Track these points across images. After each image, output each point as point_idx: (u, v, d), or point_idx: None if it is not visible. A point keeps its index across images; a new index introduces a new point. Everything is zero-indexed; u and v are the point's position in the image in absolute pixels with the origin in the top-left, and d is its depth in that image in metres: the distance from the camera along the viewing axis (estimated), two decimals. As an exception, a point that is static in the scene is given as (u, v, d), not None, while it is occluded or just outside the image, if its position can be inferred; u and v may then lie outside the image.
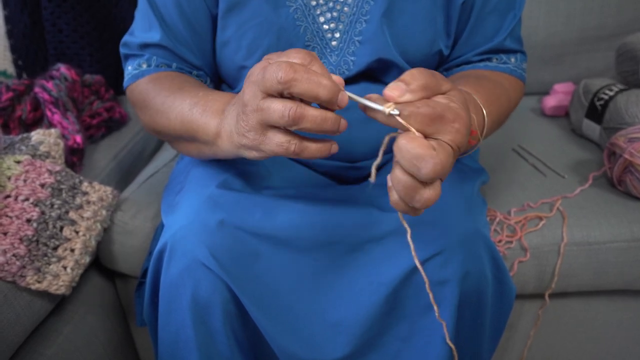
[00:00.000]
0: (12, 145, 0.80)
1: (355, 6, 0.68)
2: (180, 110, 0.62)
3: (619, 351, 0.91)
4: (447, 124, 0.45)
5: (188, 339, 0.62)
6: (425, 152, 0.43)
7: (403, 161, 0.44)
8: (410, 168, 0.44)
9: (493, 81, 0.69)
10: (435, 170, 0.43)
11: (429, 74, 0.46)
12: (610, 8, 1.17)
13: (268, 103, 0.47)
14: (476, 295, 0.63)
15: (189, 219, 0.62)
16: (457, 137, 0.45)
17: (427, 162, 0.43)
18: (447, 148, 0.45)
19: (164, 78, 0.69)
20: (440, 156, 0.43)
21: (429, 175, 0.43)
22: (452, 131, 0.45)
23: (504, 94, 0.69)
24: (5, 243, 0.70)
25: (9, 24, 1.13)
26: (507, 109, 0.70)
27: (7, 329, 0.68)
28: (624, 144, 0.83)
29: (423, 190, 0.45)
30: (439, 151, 0.44)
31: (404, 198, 0.46)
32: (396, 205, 0.48)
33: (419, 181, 0.45)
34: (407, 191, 0.45)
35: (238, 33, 0.68)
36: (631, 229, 0.80)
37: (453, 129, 0.45)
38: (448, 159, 0.44)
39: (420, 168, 0.43)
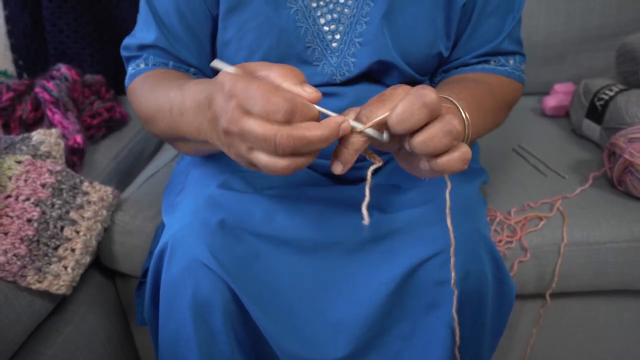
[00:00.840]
0: (13, 145, 0.81)
1: (355, 8, 0.68)
2: (162, 115, 0.61)
3: (619, 351, 0.91)
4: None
5: (188, 339, 0.62)
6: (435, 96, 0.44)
7: (418, 103, 0.44)
8: (418, 105, 0.44)
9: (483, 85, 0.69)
10: (434, 98, 0.44)
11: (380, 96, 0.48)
12: (611, 8, 1.17)
13: (260, 158, 0.46)
14: (477, 295, 0.64)
15: (190, 219, 0.62)
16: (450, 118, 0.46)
17: (427, 90, 0.44)
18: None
19: (154, 76, 0.68)
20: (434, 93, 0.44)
21: (433, 100, 0.44)
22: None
23: (493, 98, 0.69)
24: (6, 243, 0.70)
25: (9, 24, 1.13)
26: (496, 113, 0.70)
27: (7, 328, 0.68)
28: (624, 144, 0.83)
29: (449, 138, 0.45)
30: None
31: (436, 145, 0.45)
32: (436, 165, 0.46)
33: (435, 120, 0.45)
34: (431, 138, 0.45)
35: (239, 34, 0.68)
36: (631, 229, 0.80)
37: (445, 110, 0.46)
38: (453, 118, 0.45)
39: (424, 95, 0.44)
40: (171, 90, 0.59)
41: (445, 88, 0.65)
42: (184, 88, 0.56)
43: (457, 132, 0.45)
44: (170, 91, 0.59)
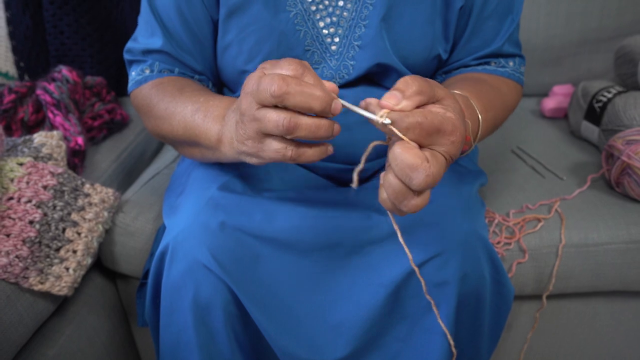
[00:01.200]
0: (15, 147, 0.81)
1: (354, 11, 0.68)
2: (182, 117, 0.63)
3: (617, 351, 0.92)
4: (444, 136, 0.46)
5: (189, 340, 0.62)
6: (418, 163, 0.44)
7: (396, 168, 0.45)
8: (403, 176, 0.45)
9: (491, 86, 0.70)
10: (427, 182, 0.44)
11: (422, 81, 0.47)
12: (610, 10, 1.17)
13: (263, 113, 0.48)
14: (475, 296, 0.64)
15: (191, 221, 0.63)
16: (452, 148, 0.46)
17: (420, 173, 0.44)
18: (441, 159, 0.46)
19: (167, 83, 0.69)
20: (433, 168, 0.44)
21: (420, 186, 0.44)
22: (448, 143, 0.46)
23: (501, 99, 0.70)
24: (8, 245, 0.70)
25: (10, 26, 1.14)
26: (502, 114, 0.71)
27: (10, 329, 0.69)
28: (622, 147, 0.83)
29: (412, 197, 0.46)
30: (432, 163, 0.45)
31: (392, 200, 0.47)
32: (383, 203, 0.49)
33: (410, 188, 0.46)
34: (396, 195, 0.46)
35: (239, 38, 0.69)
36: (629, 230, 0.80)
37: (449, 141, 0.46)
38: (440, 170, 0.45)
39: (413, 178, 0.44)
40: (200, 97, 0.63)
41: (466, 87, 0.65)
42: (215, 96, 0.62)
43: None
44: (200, 97, 0.63)
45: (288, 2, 0.67)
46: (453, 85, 0.67)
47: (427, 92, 0.47)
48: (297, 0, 0.67)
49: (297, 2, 0.67)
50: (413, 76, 0.47)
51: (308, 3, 0.68)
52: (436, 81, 0.51)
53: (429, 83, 0.48)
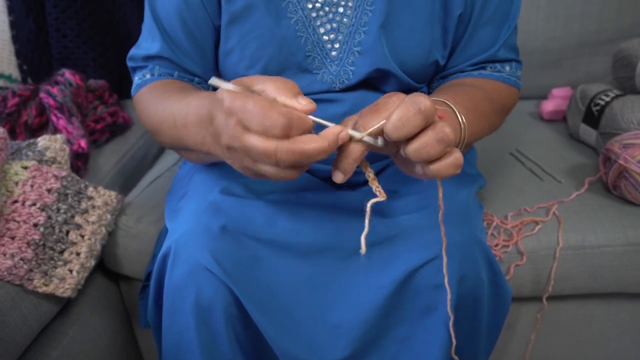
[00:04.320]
0: (19, 151, 0.82)
1: (354, 17, 0.69)
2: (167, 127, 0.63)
3: (614, 352, 0.92)
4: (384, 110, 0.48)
5: (191, 341, 0.63)
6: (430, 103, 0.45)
7: (413, 109, 0.45)
8: (427, 116, 0.45)
9: (478, 88, 0.70)
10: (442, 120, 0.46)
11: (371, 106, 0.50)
12: (609, 13, 1.17)
13: (262, 168, 0.48)
14: (472, 298, 0.65)
15: (192, 224, 0.64)
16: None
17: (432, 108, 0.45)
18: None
19: (158, 88, 0.70)
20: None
21: (425, 103, 0.45)
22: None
23: (488, 98, 0.70)
24: (13, 247, 0.71)
25: (14, 29, 1.15)
26: (494, 114, 0.71)
27: (14, 330, 0.70)
28: (619, 150, 0.84)
29: (442, 146, 0.46)
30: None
31: (430, 153, 0.46)
32: (440, 167, 0.48)
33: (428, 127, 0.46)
34: (428, 147, 0.46)
35: (241, 44, 0.69)
36: (626, 233, 0.81)
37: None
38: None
39: (426, 110, 0.45)
40: (174, 103, 0.61)
41: (443, 92, 0.66)
42: (186, 101, 0.58)
43: (449, 139, 0.46)
44: (174, 103, 0.61)
45: (289, 8, 0.68)
46: (436, 93, 0.67)
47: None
48: (298, 7, 0.68)
49: (298, 8, 0.68)
50: (346, 118, 0.51)
51: (309, 9, 0.69)
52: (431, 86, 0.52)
53: (358, 114, 0.50)
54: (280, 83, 0.48)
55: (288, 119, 0.45)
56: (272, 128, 0.45)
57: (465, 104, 0.63)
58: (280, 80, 0.48)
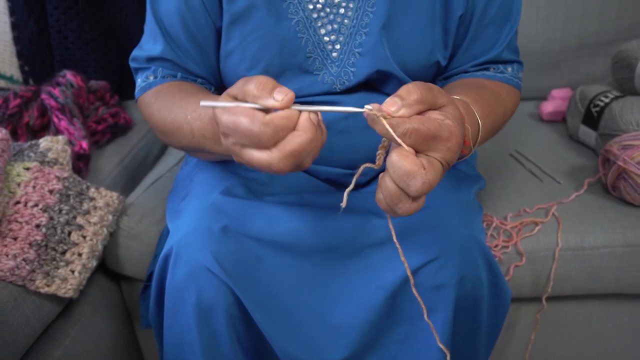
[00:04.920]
0: (21, 152, 0.82)
1: (355, 18, 0.69)
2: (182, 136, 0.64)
3: (612, 353, 0.93)
4: (441, 142, 0.47)
5: (192, 342, 0.63)
6: (415, 170, 0.45)
7: (394, 175, 0.46)
8: (400, 182, 0.46)
9: (491, 91, 0.71)
10: (423, 189, 0.45)
11: (424, 88, 0.48)
12: (609, 14, 1.17)
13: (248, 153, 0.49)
14: (472, 299, 0.65)
15: (193, 225, 0.64)
16: (448, 155, 0.47)
17: (417, 180, 0.45)
18: (437, 165, 0.47)
19: (164, 91, 0.70)
20: (429, 175, 0.45)
21: (417, 193, 0.46)
22: (444, 149, 0.47)
23: (501, 104, 0.70)
24: (15, 248, 0.72)
25: (15, 31, 1.15)
26: (502, 119, 0.72)
27: (17, 331, 0.70)
28: (618, 151, 0.84)
29: (407, 201, 0.47)
30: (428, 170, 0.46)
31: (388, 203, 0.48)
32: (379, 203, 0.50)
33: (406, 194, 0.47)
34: (392, 199, 0.48)
35: (242, 44, 0.70)
36: (624, 234, 0.81)
37: (445, 147, 0.47)
38: (436, 177, 0.46)
39: (410, 185, 0.45)
40: (187, 111, 0.62)
41: (467, 93, 0.65)
42: (199, 111, 0.60)
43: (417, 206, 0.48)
44: (187, 112, 0.62)
45: (290, 9, 0.68)
46: (453, 90, 0.68)
47: (427, 100, 0.48)
48: (299, 8, 0.69)
49: (299, 9, 0.69)
50: (415, 83, 0.48)
51: (310, 10, 0.69)
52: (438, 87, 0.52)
53: (431, 91, 0.48)
54: (255, 83, 0.48)
55: (272, 128, 0.46)
56: (260, 142, 0.46)
57: (483, 106, 0.64)
58: (255, 80, 0.48)
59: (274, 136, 0.46)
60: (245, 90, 0.48)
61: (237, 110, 0.47)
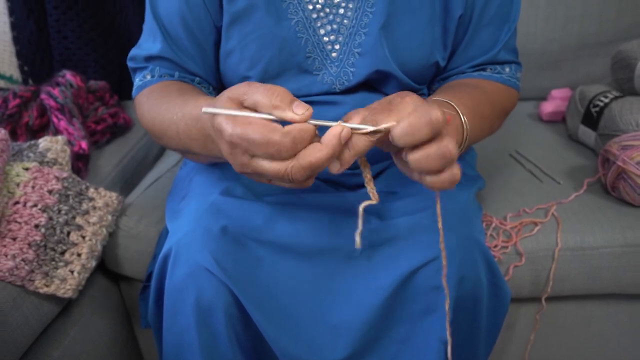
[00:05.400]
0: (21, 152, 0.82)
1: (354, 19, 0.69)
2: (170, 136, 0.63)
3: (612, 353, 0.93)
4: (395, 107, 0.48)
5: (192, 342, 0.63)
6: (421, 120, 0.45)
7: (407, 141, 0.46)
8: (430, 134, 0.46)
9: (480, 89, 0.71)
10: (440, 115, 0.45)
11: (363, 110, 0.50)
12: (609, 14, 1.17)
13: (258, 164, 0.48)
14: (471, 299, 0.65)
15: (193, 225, 0.64)
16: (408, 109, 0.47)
17: (432, 114, 0.45)
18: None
19: (158, 91, 0.70)
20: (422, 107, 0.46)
21: (437, 115, 0.45)
22: (404, 113, 0.47)
23: (489, 100, 0.71)
24: (14, 248, 0.72)
25: (15, 31, 1.15)
26: (494, 114, 0.71)
27: (16, 331, 0.70)
28: (618, 151, 0.84)
29: (445, 139, 0.47)
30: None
31: (430, 166, 0.47)
32: (436, 181, 0.48)
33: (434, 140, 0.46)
34: (434, 158, 0.46)
35: (241, 44, 0.70)
36: (624, 234, 0.81)
37: (405, 110, 0.47)
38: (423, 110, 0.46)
39: (433, 126, 0.45)
40: (174, 112, 0.61)
41: (446, 92, 0.66)
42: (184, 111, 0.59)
43: (452, 156, 0.46)
44: (174, 113, 0.61)
45: (290, 9, 0.68)
46: (440, 93, 0.68)
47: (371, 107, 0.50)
48: (298, 8, 0.69)
49: (299, 9, 0.69)
50: (355, 110, 0.50)
51: (309, 11, 0.69)
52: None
53: (368, 109, 0.50)
54: (271, 94, 0.47)
55: (291, 139, 0.46)
56: (278, 153, 0.46)
57: (468, 105, 0.64)
58: (270, 90, 0.47)
59: (292, 148, 0.46)
60: (257, 100, 0.47)
61: (249, 120, 0.47)
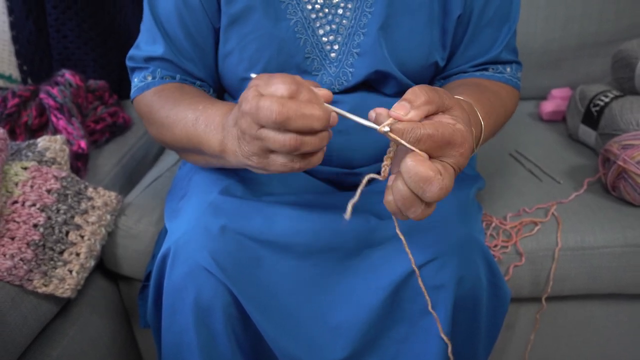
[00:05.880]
0: (19, 151, 0.82)
1: (353, 19, 0.69)
2: (184, 125, 0.64)
3: (613, 353, 0.93)
4: (454, 148, 0.47)
5: (190, 342, 0.63)
6: (432, 176, 0.45)
7: (409, 180, 0.45)
8: (416, 188, 0.45)
9: (492, 92, 0.71)
10: (440, 194, 0.45)
11: (430, 90, 0.48)
12: (609, 14, 1.17)
13: (265, 133, 0.49)
14: (471, 299, 0.65)
15: (192, 224, 0.64)
16: (461, 160, 0.47)
17: (433, 186, 0.45)
18: (450, 171, 0.47)
19: (168, 90, 0.70)
20: (446, 181, 0.45)
21: (433, 199, 0.45)
22: (457, 155, 0.47)
23: (502, 105, 0.70)
24: (12, 247, 0.72)
25: (14, 30, 1.15)
26: (502, 119, 0.72)
27: (14, 331, 0.70)
28: (618, 151, 0.84)
29: (420, 206, 0.47)
30: (444, 176, 0.45)
31: (400, 206, 0.48)
32: (388, 205, 0.50)
33: (420, 199, 0.46)
34: (405, 202, 0.47)
35: (240, 45, 0.70)
36: (624, 234, 0.81)
37: (458, 152, 0.47)
38: (451, 183, 0.46)
39: (426, 191, 0.45)
40: (195, 107, 0.63)
41: (469, 93, 0.65)
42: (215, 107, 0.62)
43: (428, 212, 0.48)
44: (194, 107, 0.63)
45: (288, 10, 0.68)
46: (455, 90, 0.68)
47: (435, 101, 0.48)
48: (297, 9, 0.68)
49: (298, 10, 0.68)
50: (421, 86, 0.48)
51: (308, 11, 0.69)
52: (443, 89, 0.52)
53: (437, 93, 0.48)
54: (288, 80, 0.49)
55: (295, 79, 0.48)
56: (283, 84, 0.48)
57: (485, 107, 0.64)
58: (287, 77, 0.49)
59: (294, 84, 0.48)
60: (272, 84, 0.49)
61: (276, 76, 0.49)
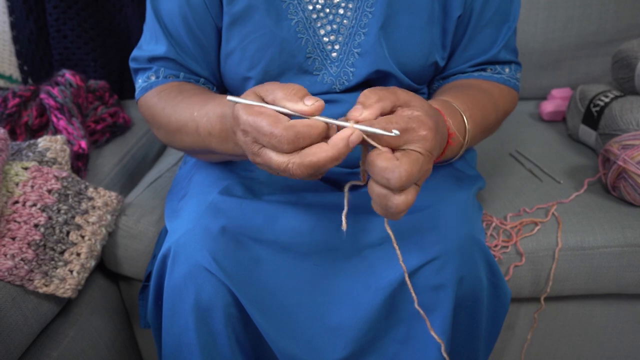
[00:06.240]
0: (20, 151, 0.82)
1: (354, 19, 0.69)
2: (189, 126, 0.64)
3: (613, 353, 0.93)
4: (412, 133, 0.48)
5: (191, 342, 0.63)
6: (389, 164, 0.47)
7: (374, 175, 0.48)
8: (381, 180, 0.48)
9: (479, 89, 0.71)
10: (401, 179, 0.47)
11: (381, 90, 0.50)
12: (609, 14, 1.18)
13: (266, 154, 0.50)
14: (471, 299, 0.65)
15: (192, 225, 0.64)
16: (426, 143, 0.49)
17: (393, 173, 0.47)
18: (413, 155, 0.48)
19: (169, 90, 0.70)
20: (404, 165, 0.47)
21: (397, 184, 0.47)
22: (418, 138, 0.49)
23: (490, 101, 0.71)
24: (13, 248, 0.72)
25: (14, 30, 1.15)
26: (494, 115, 0.72)
27: (15, 331, 0.70)
28: (618, 151, 0.84)
29: (394, 197, 0.48)
30: (402, 161, 0.47)
31: (379, 204, 0.50)
32: (375, 208, 0.51)
33: (391, 190, 0.48)
34: (380, 199, 0.49)
35: (242, 45, 0.70)
36: (624, 234, 0.81)
37: (419, 136, 0.49)
38: (414, 166, 0.48)
39: (389, 179, 0.47)
40: (194, 109, 0.63)
41: (450, 92, 0.66)
42: (208, 108, 0.61)
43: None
44: (193, 109, 0.63)
45: (290, 10, 0.68)
46: (440, 94, 0.69)
47: (388, 98, 0.50)
48: (298, 9, 0.69)
49: (299, 10, 0.69)
50: (373, 88, 0.51)
51: (309, 11, 0.69)
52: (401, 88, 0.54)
53: (389, 91, 0.51)
54: (286, 89, 0.49)
55: (293, 133, 0.47)
56: (279, 144, 0.47)
57: (468, 101, 0.65)
58: (288, 85, 0.50)
59: (294, 141, 0.47)
60: (276, 95, 0.49)
61: (262, 110, 0.49)
